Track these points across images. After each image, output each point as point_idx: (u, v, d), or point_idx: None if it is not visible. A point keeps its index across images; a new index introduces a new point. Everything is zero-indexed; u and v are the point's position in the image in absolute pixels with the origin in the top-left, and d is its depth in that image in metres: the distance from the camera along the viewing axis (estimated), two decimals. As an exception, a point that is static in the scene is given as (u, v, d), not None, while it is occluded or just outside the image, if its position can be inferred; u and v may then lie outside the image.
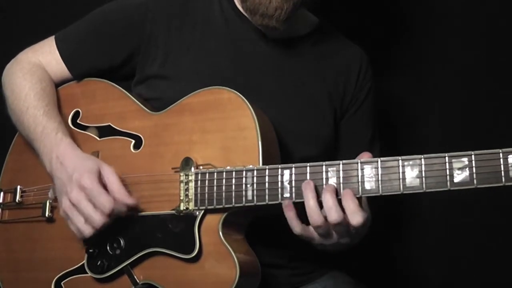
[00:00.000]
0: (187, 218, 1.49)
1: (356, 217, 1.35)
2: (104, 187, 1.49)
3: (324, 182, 1.38)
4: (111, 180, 1.49)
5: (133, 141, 1.61)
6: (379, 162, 1.35)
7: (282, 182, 1.41)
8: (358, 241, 1.51)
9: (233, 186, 1.45)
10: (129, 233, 1.54)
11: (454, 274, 2.17)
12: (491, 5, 2.13)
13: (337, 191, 1.37)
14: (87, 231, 1.49)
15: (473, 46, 2.15)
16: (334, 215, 1.35)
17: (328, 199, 1.35)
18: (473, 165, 1.28)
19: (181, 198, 1.49)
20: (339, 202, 1.36)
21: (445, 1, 2.19)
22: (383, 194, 1.35)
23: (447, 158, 1.30)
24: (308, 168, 1.40)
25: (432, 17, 2.20)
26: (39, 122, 1.62)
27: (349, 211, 1.35)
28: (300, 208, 1.41)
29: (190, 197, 1.49)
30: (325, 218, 1.37)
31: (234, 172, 1.45)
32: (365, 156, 1.39)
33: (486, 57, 2.14)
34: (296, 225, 1.41)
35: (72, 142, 1.59)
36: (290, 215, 1.40)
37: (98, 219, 1.47)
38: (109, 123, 1.66)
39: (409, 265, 2.24)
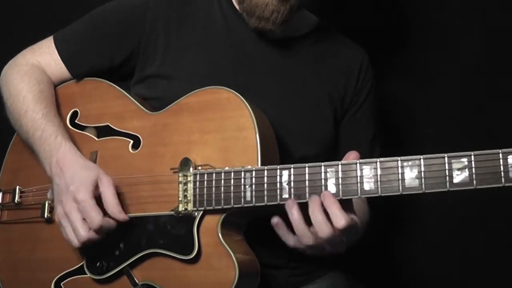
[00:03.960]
0: (186, 219, 1.48)
1: (339, 220, 1.33)
2: (99, 198, 1.49)
3: (322, 183, 1.37)
4: (107, 193, 1.49)
5: (132, 141, 1.61)
6: (378, 163, 1.34)
7: (281, 183, 1.40)
8: (353, 243, 1.49)
9: (232, 187, 1.44)
10: (128, 234, 1.53)
11: (454, 274, 2.17)
12: (491, 6, 2.13)
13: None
14: (74, 241, 1.50)
15: (474, 46, 2.15)
16: (325, 231, 1.34)
17: (317, 214, 1.34)
18: (473, 165, 1.27)
19: (180, 199, 1.49)
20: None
21: (446, 1, 2.18)
22: (382, 195, 1.34)
23: (446, 158, 1.29)
24: (306, 168, 1.39)
25: (433, 17, 2.20)
26: (37, 126, 1.61)
27: (332, 215, 1.33)
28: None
29: (189, 198, 1.48)
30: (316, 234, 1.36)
31: (232, 173, 1.44)
32: (352, 155, 1.38)
33: (487, 57, 2.13)
34: (289, 239, 1.40)
35: (72, 146, 1.59)
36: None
37: (83, 233, 1.47)
38: (108, 123, 1.65)
39: (409, 265, 2.23)
